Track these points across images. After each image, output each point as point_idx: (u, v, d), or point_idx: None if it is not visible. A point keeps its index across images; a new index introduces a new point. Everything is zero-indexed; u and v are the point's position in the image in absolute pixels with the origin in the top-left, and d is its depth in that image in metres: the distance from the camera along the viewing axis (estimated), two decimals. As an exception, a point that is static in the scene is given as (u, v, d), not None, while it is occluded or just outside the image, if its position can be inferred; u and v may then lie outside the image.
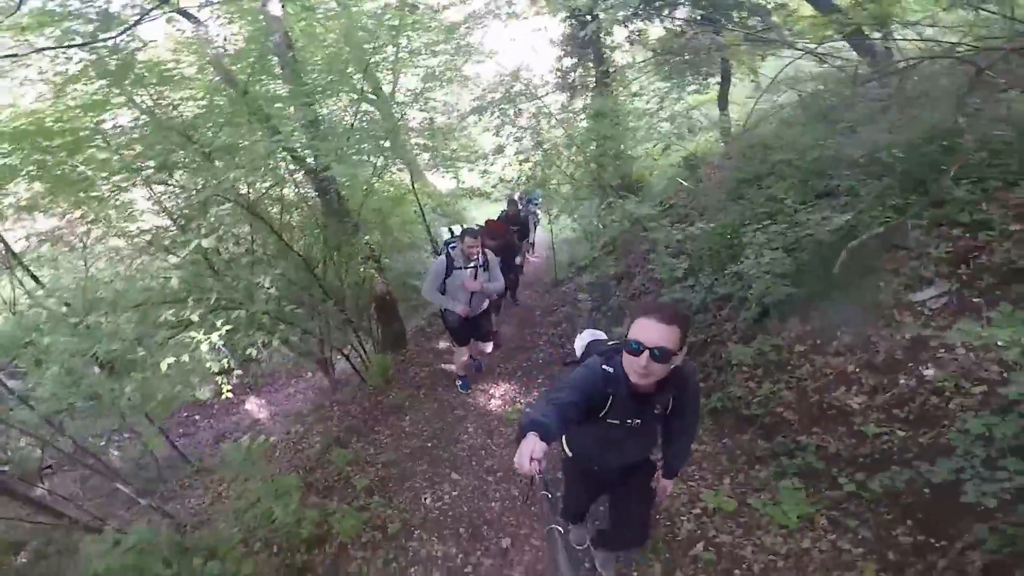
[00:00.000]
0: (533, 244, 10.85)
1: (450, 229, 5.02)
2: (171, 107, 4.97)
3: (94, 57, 3.70)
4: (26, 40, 3.48)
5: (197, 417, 9.53)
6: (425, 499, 3.82)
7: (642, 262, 6.54)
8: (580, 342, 2.34)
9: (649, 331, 1.57)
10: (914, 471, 2.55)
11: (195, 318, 3.40)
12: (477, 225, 5.60)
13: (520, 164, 8.32)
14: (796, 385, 3.37)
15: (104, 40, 3.43)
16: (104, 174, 4.44)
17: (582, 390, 1.70)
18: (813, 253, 3.58)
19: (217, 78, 5.41)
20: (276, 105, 5.43)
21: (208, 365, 3.48)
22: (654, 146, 8.71)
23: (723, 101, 10.08)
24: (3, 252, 5.80)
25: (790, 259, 3.52)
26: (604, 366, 1.76)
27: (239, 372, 5.51)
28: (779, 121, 5.48)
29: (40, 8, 3.65)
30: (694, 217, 5.78)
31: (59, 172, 4.46)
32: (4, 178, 4.27)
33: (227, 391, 4.41)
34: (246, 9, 5.63)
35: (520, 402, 4.95)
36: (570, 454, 2.31)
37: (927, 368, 2.88)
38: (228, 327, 3.51)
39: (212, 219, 4.22)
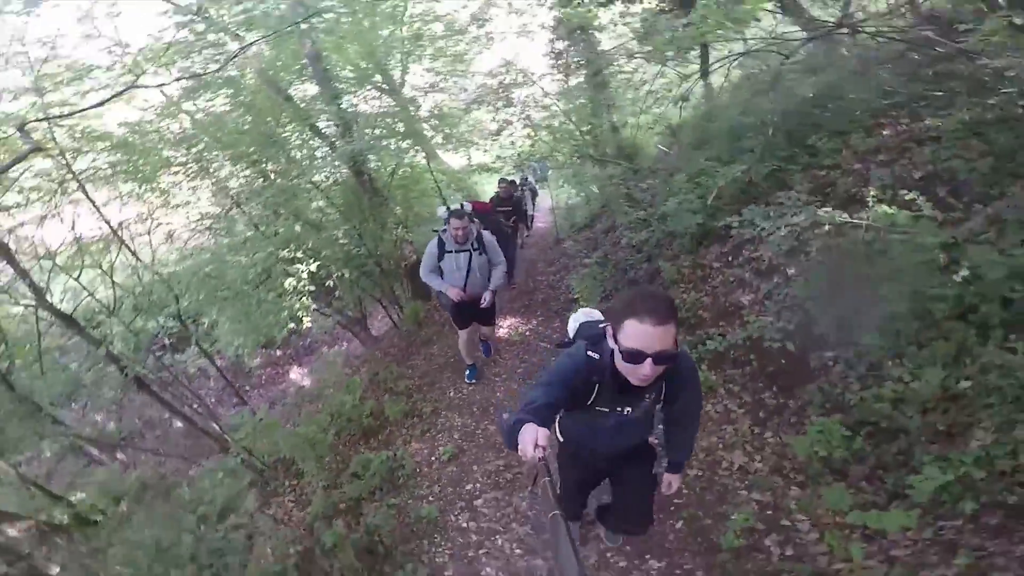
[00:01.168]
0: (532, 218, 11.43)
1: (446, 206, 4.89)
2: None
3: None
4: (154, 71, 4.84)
5: (247, 388, 11.09)
6: (449, 393, 5.26)
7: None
8: (573, 323, 2.25)
9: (647, 337, 1.45)
10: (779, 346, 3.76)
11: (300, 254, 4.85)
12: (467, 201, 5.94)
13: (522, 140, 9.59)
14: (711, 292, 4.64)
15: (215, 72, 4.83)
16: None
17: (563, 384, 1.67)
18: (725, 195, 4.81)
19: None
20: (314, 107, 6.84)
21: (293, 300, 4.93)
22: (640, 117, 9.84)
23: (704, 72, 11.05)
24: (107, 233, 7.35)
25: (700, 200, 4.76)
26: (589, 352, 1.70)
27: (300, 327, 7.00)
28: (730, 93, 6.61)
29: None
30: (664, 176, 6.98)
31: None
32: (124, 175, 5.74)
33: (307, 321, 5.83)
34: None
35: (521, 329, 6.31)
36: (561, 439, 2.28)
37: (791, 269, 4.12)
38: (316, 264, 4.97)
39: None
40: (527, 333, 6.21)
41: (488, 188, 13.25)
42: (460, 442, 4.45)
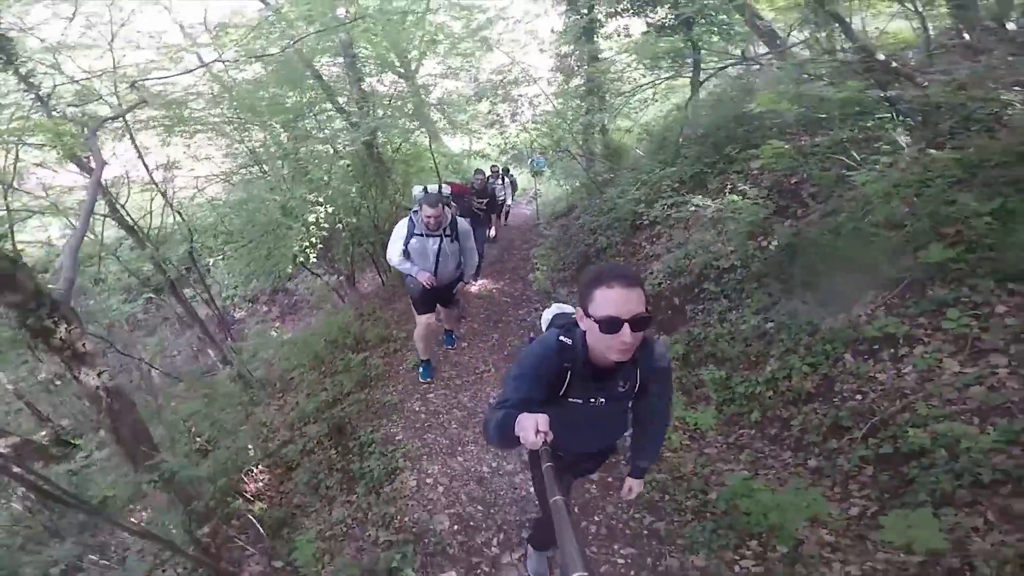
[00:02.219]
0: (507, 211, 11.58)
1: (425, 188, 4.79)
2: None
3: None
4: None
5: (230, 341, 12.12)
6: (422, 328, 6.37)
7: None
8: (546, 316, 2.22)
9: (620, 301, 1.43)
10: (667, 299, 4.92)
11: (321, 198, 5.94)
12: (446, 184, 6.14)
13: (517, 133, 10.70)
14: (636, 264, 5.76)
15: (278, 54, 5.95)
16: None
17: (534, 375, 1.64)
18: (661, 190, 5.94)
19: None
20: (339, 86, 7.95)
21: (302, 239, 6.05)
22: (625, 121, 10.97)
23: (694, 85, 12.17)
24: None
25: (642, 192, 5.89)
26: (562, 337, 1.67)
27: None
28: (691, 108, 7.72)
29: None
30: (623, 172, 8.11)
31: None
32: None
33: (312, 260, 6.92)
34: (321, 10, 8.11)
35: (489, 287, 7.43)
36: None
37: (677, 240, 5.23)
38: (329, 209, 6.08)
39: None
40: (494, 291, 7.33)
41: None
42: (423, 359, 5.55)
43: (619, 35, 13.47)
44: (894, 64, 4.54)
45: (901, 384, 2.97)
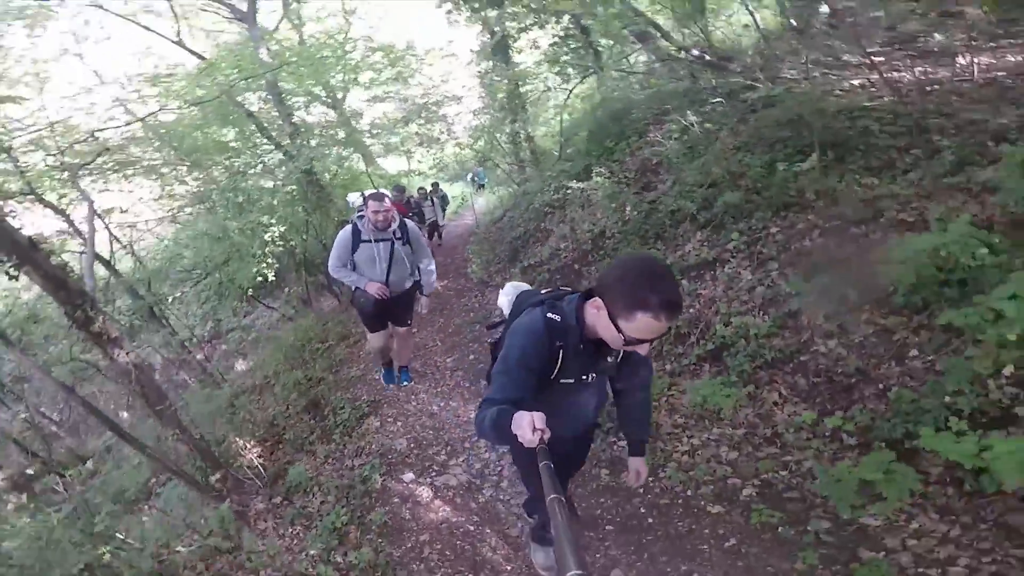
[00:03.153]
0: (442, 230, 11.89)
1: (363, 192, 4.09)
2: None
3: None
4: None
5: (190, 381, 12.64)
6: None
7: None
8: (505, 298, 2.06)
9: (658, 331, 1.40)
10: (562, 264, 6.08)
11: (274, 220, 6.80)
12: (394, 187, 6.37)
13: (451, 150, 11.83)
14: (546, 242, 6.91)
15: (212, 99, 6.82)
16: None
17: (524, 371, 1.55)
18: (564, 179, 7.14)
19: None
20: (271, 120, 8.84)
21: (260, 259, 6.92)
22: (541, 126, 12.28)
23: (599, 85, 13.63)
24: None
25: (548, 185, 7.08)
26: (550, 314, 1.59)
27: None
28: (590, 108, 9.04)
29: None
30: (538, 170, 9.34)
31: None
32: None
33: (271, 276, 7.75)
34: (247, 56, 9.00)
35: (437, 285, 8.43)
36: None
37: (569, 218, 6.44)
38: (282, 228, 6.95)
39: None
40: (438, 287, 8.35)
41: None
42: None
43: (531, 48, 14.79)
44: (707, 58, 5.89)
45: (715, 294, 4.17)
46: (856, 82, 5.14)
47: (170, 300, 8.66)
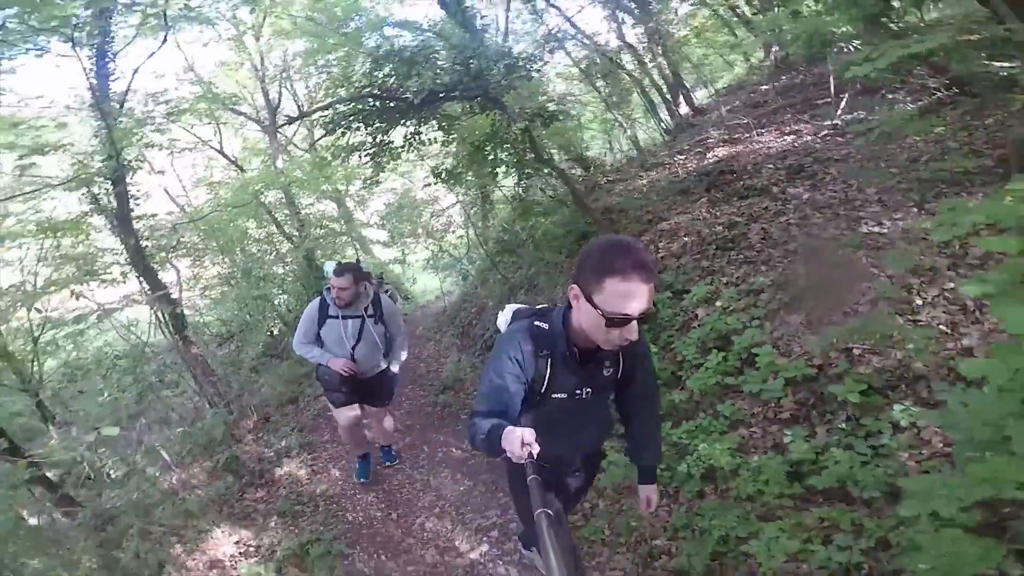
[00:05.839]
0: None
1: (339, 262, 3.60)
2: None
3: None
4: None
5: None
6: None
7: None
8: (503, 318, 1.94)
9: (635, 298, 1.31)
10: None
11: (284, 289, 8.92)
12: (358, 261, 5.54)
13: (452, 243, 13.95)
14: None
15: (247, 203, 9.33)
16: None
17: (511, 373, 1.54)
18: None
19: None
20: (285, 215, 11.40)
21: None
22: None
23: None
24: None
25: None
26: (536, 322, 1.58)
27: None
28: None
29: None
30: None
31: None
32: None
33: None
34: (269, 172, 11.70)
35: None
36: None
37: None
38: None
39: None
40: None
41: (424, 281, 17.00)
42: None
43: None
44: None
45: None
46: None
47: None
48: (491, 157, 6.13)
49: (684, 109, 9.82)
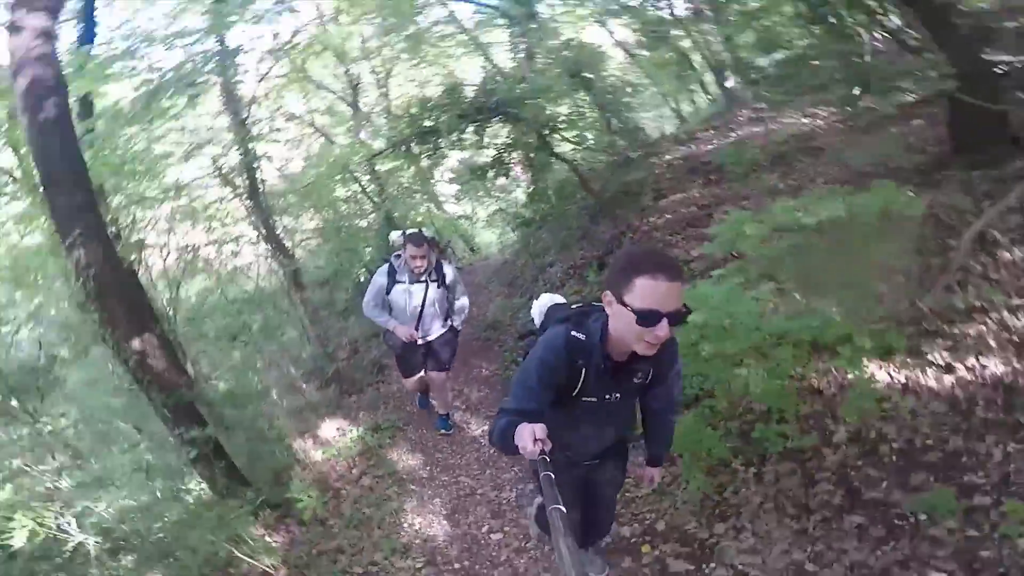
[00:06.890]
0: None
1: (404, 231, 3.90)
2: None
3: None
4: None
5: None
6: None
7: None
8: (537, 308, 2.12)
9: (665, 295, 1.38)
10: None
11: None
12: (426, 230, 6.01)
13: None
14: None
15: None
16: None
17: (542, 382, 1.61)
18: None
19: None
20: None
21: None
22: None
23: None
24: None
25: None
26: (574, 332, 1.63)
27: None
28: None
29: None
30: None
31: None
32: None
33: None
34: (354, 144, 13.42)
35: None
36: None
37: None
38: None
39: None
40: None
41: (486, 236, 18.68)
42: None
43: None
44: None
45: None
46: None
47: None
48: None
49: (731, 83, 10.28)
